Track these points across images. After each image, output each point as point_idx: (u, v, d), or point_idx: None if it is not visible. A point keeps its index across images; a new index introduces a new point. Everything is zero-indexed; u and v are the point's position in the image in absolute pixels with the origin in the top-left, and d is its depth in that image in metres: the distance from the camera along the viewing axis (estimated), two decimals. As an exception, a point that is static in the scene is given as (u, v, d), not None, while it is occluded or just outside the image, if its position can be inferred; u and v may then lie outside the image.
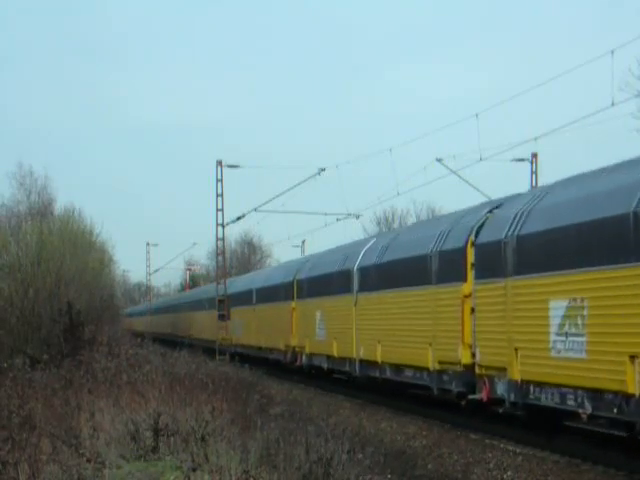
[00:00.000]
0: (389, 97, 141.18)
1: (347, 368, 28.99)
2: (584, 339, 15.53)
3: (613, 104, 22.35)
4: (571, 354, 15.91)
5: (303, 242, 71.32)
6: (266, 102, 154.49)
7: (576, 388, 15.83)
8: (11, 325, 29.66)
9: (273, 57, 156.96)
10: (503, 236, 18.53)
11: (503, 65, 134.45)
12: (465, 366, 20.10)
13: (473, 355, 19.75)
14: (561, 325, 16.24)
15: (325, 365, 31.63)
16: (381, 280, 25.90)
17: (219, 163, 44.44)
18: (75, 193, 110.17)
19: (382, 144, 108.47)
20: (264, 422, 15.04)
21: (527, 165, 38.84)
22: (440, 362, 21.49)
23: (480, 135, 38.77)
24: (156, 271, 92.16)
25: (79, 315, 28.84)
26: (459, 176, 35.21)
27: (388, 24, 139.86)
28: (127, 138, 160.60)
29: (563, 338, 16.18)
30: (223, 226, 45.69)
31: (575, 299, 15.85)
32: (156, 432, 14.16)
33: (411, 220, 75.40)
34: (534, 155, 38.63)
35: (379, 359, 25.69)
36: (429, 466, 16.34)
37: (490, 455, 17.04)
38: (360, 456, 13.12)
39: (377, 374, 26.16)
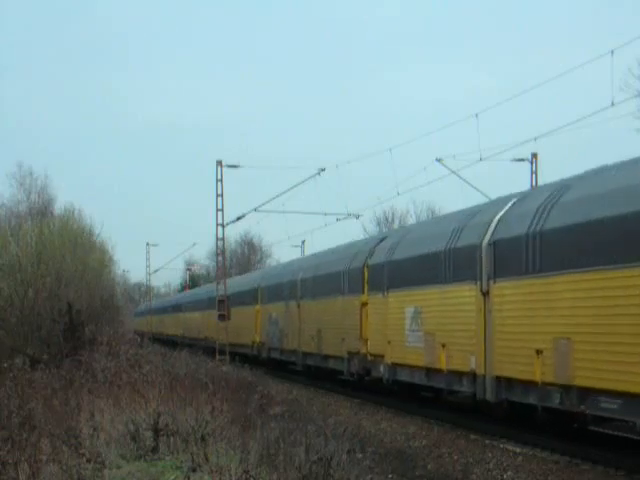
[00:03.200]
0: (389, 97, 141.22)
1: (294, 359, 35.99)
2: (421, 333, 22.28)
3: (613, 104, 22.36)
4: (415, 344, 22.60)
5: (303, 242, 71.39)
6: (266, 102, 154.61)
7: (419, 368, 22.47)
8: (11, 325, 29.67)
9: (273, 57, 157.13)
10: (382, 260, 25.31)
11: (503, 65, 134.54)
12: (363, 355, 26.92)
13: (367, 347, 26.57)
14: (410, 324, 22.90)
15: (279, 357, 38.76)
16: (314, 290, 32.97)
17: (219, 163, 44.35)
18: (75, 193, 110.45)
19: (382, 144, 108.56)
20: (264, 422, 15.04)
21: (527, 165, 38.77)
22: (349, 352, 28.29)
23: (480, 135, 38.96)
24: (156, 271, 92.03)
25: (79, 315, 28.87)
26: (459, 176, 35.21)
27: (387, 24, 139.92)
28: (127, 138, 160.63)
29: (411, 333, 22.85)
30: (223, 226, 45.61)
31: (417, 307, 22.58)
32: (156, 432, 14.16)
33: (411, 220, 75.52)
34: (534, 155, 38.55)
35: (314, 351, 32.55)
36: (429, 466, 16.34)
37: (490, 455, 17.03)
38: (360, 456, 13.12)
39: (312, 362, 33.26)
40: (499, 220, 18.87)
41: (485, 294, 18.86)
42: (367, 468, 12.80)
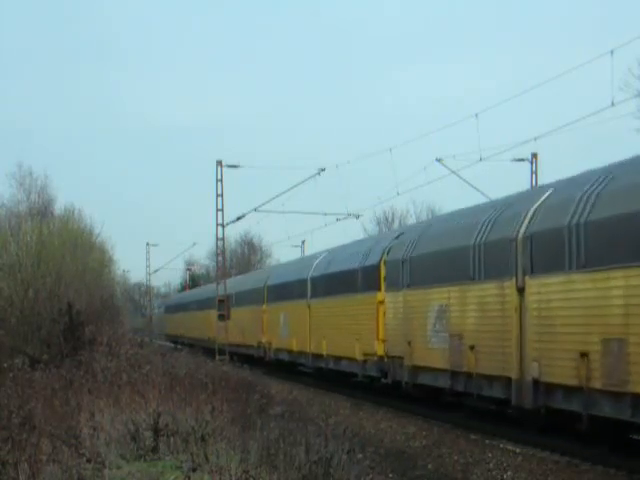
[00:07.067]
0: (389, 97, 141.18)
1: (303, 360, 34.78)
2: (446, 334, 20.97)
3: (613, 104, 22.33)
4: (439, 345, 21.36)
5: (303, 242, 71.44)
6: (266, 102, 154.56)
7: (444, 371, 21.14)
8: (11, 325, 29.65)
9: (273, 57, 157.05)
10: (402, 256, 24.03)
11: (503, 65, 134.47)
12: (379, 357, 25.68)
13: (384, 348, 25.34)
14: (434, 324, 21.65)
15: (287, 358, 37.55)
16: (326, 288, 31.72)
17: (219, 163, 44.39)
18: (75, 193, 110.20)
19: (382, 144, 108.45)
20: (264, 422, 15.01)
21: (527, 165, 38.81)
22: (364, 354, 27.04)
23: (480, 135, 38.93)
24: (156, 271, 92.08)
25: (79, 315, 28.82)
26: (459, 176, 35.21)
27: (388, 25, 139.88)
28: (127, 138, 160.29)
29: (435, 334, 21.60)
30: (223, 226, 45.63)
31: (442, 306, 21.22)
32: (156, 432, 14.15)
33: (411, 220, 75.50)
34: (534, 155, 38.59)
35: (324, 352, 31.32)
36: (429, 466, 16.34)
37: (490, 455, 17.02)
38: (360, 456, 13.11)
39: (323, 365, 31.85)
40: (535, 211, 17.59)
41: (521, 291, 17.59)
42: (367, 468, 12.80)
